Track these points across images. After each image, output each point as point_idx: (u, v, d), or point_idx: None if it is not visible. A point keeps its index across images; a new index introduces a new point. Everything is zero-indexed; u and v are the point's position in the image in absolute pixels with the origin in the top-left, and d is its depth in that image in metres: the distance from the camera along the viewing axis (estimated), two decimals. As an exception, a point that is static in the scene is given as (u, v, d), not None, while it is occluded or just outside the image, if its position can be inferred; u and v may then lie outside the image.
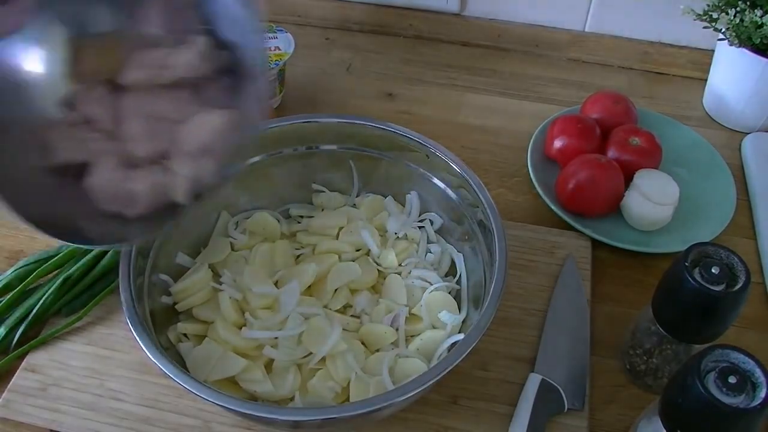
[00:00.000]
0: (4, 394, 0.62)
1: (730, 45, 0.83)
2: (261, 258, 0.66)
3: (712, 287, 0.52)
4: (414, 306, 0.64)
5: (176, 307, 0.63)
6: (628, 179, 0.77)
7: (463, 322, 0.63)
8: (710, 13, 0.84)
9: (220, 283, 0.64)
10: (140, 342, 0.52)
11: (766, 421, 0.46)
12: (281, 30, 0.89)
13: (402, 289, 0.65)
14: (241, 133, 0.54)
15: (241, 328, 0.60)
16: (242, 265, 0.66)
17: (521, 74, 0.99)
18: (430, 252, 0.69)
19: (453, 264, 0.68)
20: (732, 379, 0.45)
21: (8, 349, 0.65)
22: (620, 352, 0.65)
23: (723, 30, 0.83)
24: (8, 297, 0.67)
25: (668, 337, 0.58)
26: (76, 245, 0.55)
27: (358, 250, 0.68)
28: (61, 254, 0.70)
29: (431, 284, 0.65)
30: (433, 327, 0.63)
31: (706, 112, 0.94)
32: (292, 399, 0.58)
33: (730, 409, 0.44)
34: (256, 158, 0.69)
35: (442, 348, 0.61)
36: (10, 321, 0.66)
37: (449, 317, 0.62)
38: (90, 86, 0.53)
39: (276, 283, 0.64)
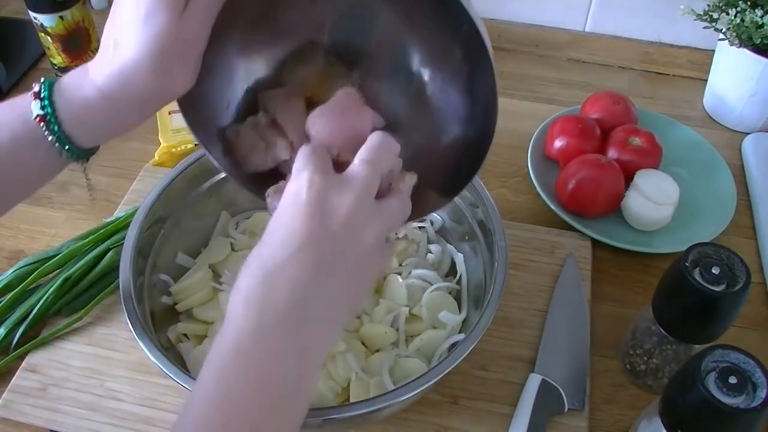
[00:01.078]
0: (4, 394, 0.62)
1: (731, 45, 0.83)
2: (261, 258, 0.66)
3: (712, 287, 0.52)
4: (414, 306, 0.64)
5: (176, 307, 0.63)
6: (628, 179, 0.77)
7: (463, 322, 0.63)
8: (710, 13, 0.84)
9: (220, 283, 0.64)
10: (140, 342, 0.52)
11: (767, 421, 0.46)
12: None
13: (402, 289, 0.65)
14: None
15: (241, 328, 0.60)
16: (242, 265, 0.65)
17: (521, 74, 0.99)
18: (430, 252, 0.69)
19: (453, 264, 0.68)
20: (732, 379, 0.45)
21: (8, 349, 0.65)
22: (620, 352, 0.65)
23: (723, 30, 0.83)
24: (8, 297, 0.67)
25: (668, 337, 0.58)
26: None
27: (358, 250, 0.68)
28: (61, 254, 0.70)
29: (431, 284, 0.65)
30: (434, 327, 0.63)
31: (706, 112, 0.94)
32: (292, 399, 0.58)
33: (730, 409, 0.44)
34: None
35: (442, 348, 0.61)
36: (10, 321, 0.66)
37: (449, 317, 0.62)
38: (292, 93, 0.53)
39: (276, 283, 0.64)
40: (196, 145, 0.81)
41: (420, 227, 0.70)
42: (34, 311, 0.66)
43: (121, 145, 0.86)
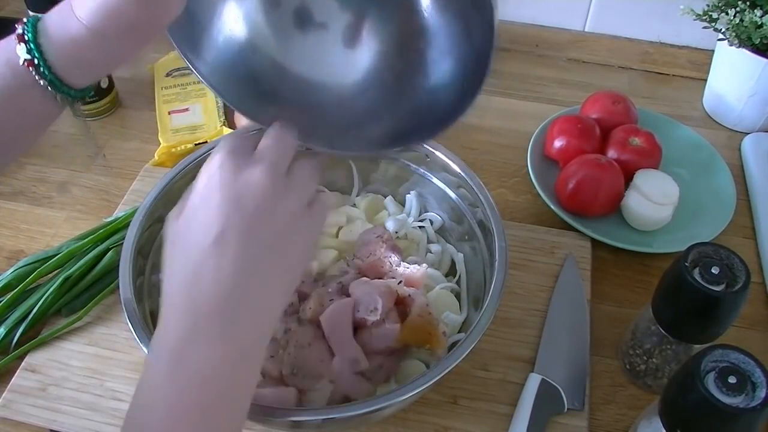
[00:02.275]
0: (4, 394, 0.62)
1: (730, 45, 0.83)
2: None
3: (712, 287, 0.52)
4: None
5: (176, 307, 0.63)
6: (628, 179, 0.77)
7: (463, 322, 0.63)
8: (710, 13, 0.84)
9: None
10: (140, 342, 0.52)
11: (766, 421, 0.46)
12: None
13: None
14: None
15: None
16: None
17: (521, 74, 0.99)
18: (430, 252, 0.69)
19: (453, 264, 0.68)
20: (732, 379, 0.45)
21: (8, 349, 0.65)
22: (620, 352, 0.65)
23: (723, 30, 0.83)
24: (8, 297, 0.67)
25: (668, 337, 0.58)
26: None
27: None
28: (61, 254, 0.70)
29: (433, 284, 0.65)
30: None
31: (706, 112, 0.94)
32: (292, 399, 0.58)
33: (730, 409, 0.44)
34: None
35: (442, 348, 0.61)
36: (10, 321, 0.66)
37: (452, 317, 0.62)
38: None
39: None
40: (196, 144, 0.81)
41: (420, 227, 0.70)
42: (34, 311, 0.66)
43: (121, 145, 0.86)
